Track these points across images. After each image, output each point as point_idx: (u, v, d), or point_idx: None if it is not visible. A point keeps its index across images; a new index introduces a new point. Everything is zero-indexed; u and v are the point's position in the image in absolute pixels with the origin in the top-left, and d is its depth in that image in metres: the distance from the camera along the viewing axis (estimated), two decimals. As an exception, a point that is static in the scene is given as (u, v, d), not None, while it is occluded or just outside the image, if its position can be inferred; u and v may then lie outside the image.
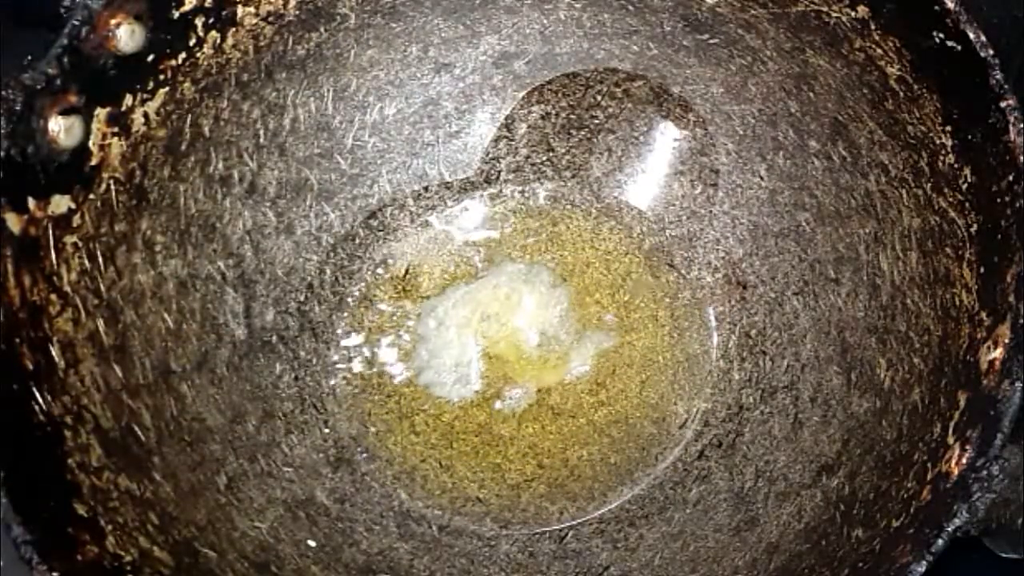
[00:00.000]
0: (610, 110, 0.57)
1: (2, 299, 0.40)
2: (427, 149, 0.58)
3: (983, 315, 0.44)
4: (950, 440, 0.42)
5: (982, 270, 0.44)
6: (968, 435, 0.41)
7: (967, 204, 0.45)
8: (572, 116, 0.58)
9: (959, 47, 0.44)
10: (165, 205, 0.49)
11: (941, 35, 0.45)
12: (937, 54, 0.45)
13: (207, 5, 0.47)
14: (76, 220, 0.44)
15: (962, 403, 0.43)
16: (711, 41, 0.53)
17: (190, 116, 0.49)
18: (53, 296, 0.43)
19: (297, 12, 0.51)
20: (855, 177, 0.51)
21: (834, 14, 0.49)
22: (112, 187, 0.45)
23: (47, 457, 0.40)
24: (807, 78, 0.51)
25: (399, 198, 0.57)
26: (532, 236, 0.58)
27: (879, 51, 0.48)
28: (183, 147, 0.49)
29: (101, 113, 0.44)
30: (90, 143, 0.44)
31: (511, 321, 0.56)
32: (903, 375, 0.47)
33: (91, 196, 0.44)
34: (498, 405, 0.54)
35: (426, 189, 0.58)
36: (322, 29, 0.52)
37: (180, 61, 0.47)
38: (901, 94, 0.48)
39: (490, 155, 0.58)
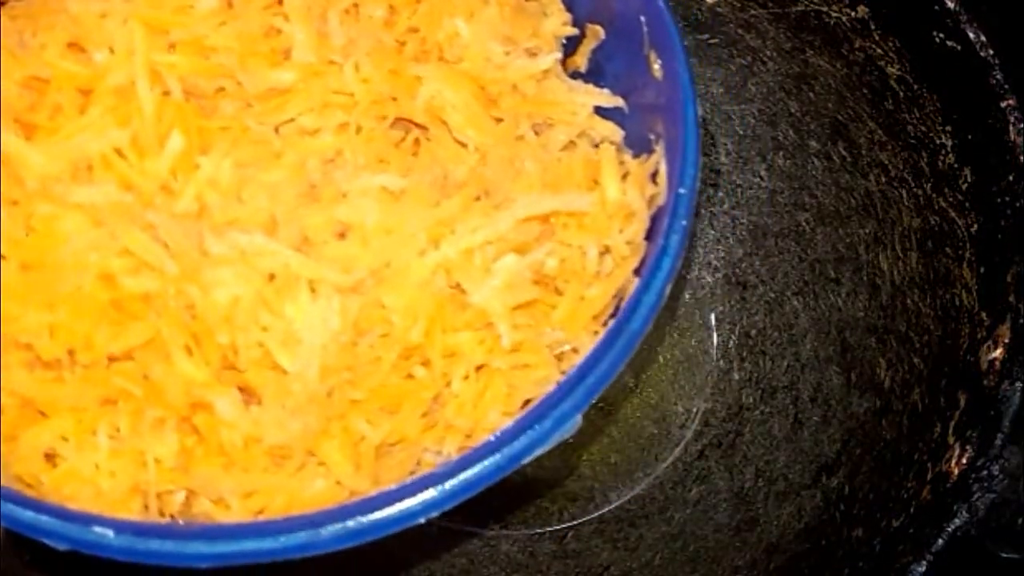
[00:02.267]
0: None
1: None
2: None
3: (983, 315, 0.44)
4: (950, 440, 0.42)
5: (982, 270, 0.44)
6: (968, 435, 0.41)
7: (967, 204, 0.45)
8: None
9: (959, 47, 0.44)
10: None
11: (941, 35, 0.45)
12: (937, 54, 0.45)
13: None
14: None
15: (962, 403, 0.43)
16: (711, 41, 0.53)
17: None
18: None
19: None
20: (855, 177, 0.51)
21: (834, 14, 0.49)
22: None
23: None
24: (807, 78, 0.51)
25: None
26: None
27: (879, 51, 0.48)
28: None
29: None
30: None
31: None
32: (903, 375, 0.47)
33: None
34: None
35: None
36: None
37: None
38: (901, 94, 0.48)
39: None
